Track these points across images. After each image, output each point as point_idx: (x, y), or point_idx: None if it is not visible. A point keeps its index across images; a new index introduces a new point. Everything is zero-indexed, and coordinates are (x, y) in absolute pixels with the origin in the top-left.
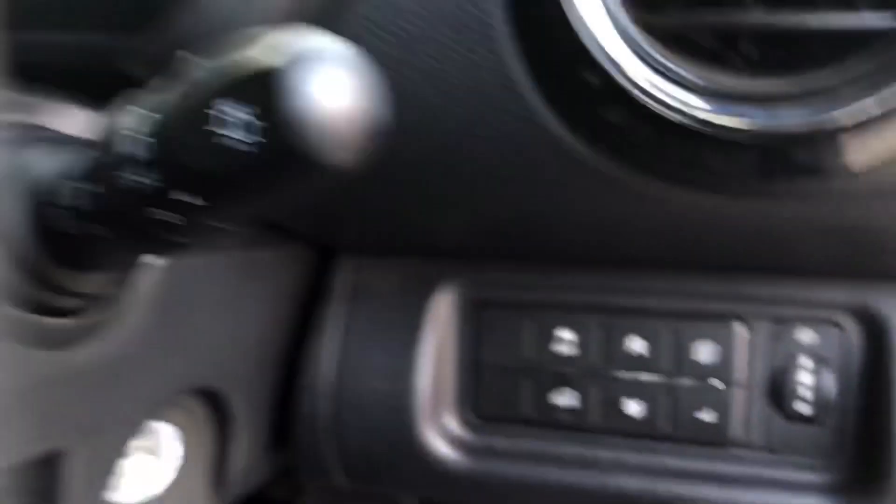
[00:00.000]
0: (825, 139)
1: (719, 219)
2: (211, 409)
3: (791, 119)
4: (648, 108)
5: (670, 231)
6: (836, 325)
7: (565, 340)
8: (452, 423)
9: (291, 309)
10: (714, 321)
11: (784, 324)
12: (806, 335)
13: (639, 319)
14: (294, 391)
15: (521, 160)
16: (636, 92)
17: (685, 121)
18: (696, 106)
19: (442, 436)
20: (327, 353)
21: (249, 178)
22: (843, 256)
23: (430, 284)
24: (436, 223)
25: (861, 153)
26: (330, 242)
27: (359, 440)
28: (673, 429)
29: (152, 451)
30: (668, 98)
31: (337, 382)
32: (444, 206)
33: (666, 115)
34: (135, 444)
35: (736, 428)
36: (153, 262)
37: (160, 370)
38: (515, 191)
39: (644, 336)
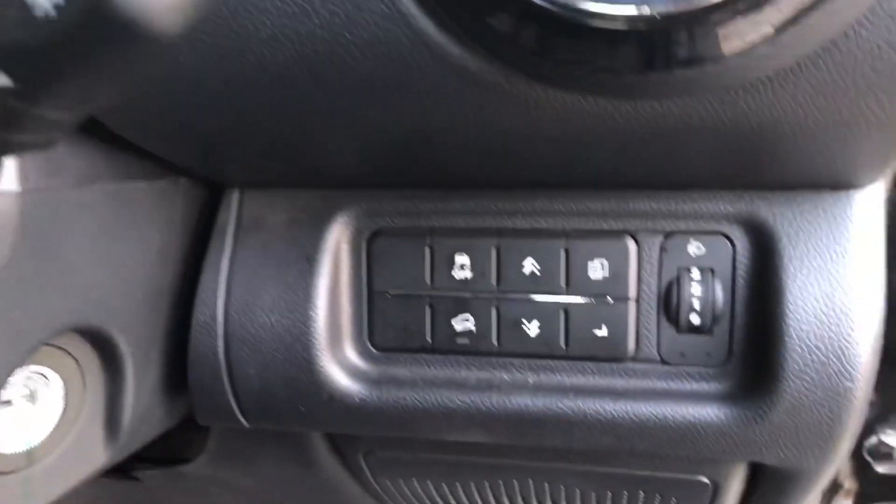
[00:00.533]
0: (696, 21)
1: (604, 126)
2: (97, 352)
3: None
4: (528, 2)
5: (557, 144)
6: (724, 236)
7: (460, 265)
8: (352, 355)
9: (181, 245)
10: (605, 238)
11: (673, 237)
12: (695, 248)
13: (532, 241)
14: (187, 331)
15: (397, 68)
16: None
17: (564, 13)
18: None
19: (342, 368)
20: (214, 289)
21: (58, 51)
22: (727, 165)
23: (322, 216)
24: (321, 150)
25: (731, 37)
26: (214, 177)
27: (254, 378)
28: (569, 347)
29: (31, 399)
30: None
31: (227, 319)
32: (326, 130)
33: (546, 8)
34: (8, 392)
35: (630, 342)
36: (4, 188)
37: (30, 309)
38: (396, 105)
39: (537, 257)
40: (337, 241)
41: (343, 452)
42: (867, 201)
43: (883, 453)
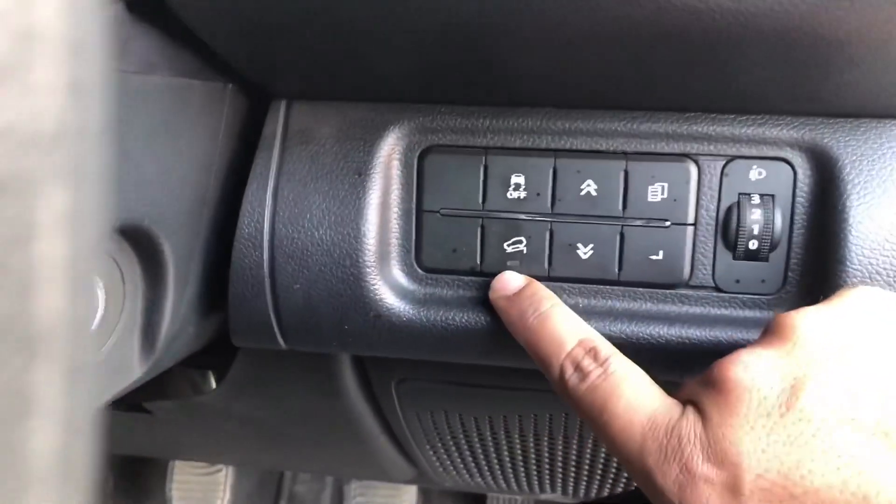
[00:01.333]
0: None
1: (673, 23)
2: (140, 258)
3: None
4: None
5: (625, 50)
6: (787, 162)
7: (515, 186)
8: (398, 275)
9: (225, 154)
10: (666, 161)
11: (735, 162)
12: (756, 173)
13: (590, 161)
14: (229, 245)
15: None
16: None
17: None
18: None
19: (389, 286)
20: (261, 200)
21: None
22: (793, 86)
23: (373, 130)
24: (380, 54)
25: None
26: (265, 82)
27: (299, 294)
28: (623, 272)
29: None
30: None
31: (273, 232)
32: (388, 28)
33: None
34: None
35: (686, 268)
36: None
37: None
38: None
39: (596, 178)
40: (388, 156)
41: (373, 382)
42: None
43: None
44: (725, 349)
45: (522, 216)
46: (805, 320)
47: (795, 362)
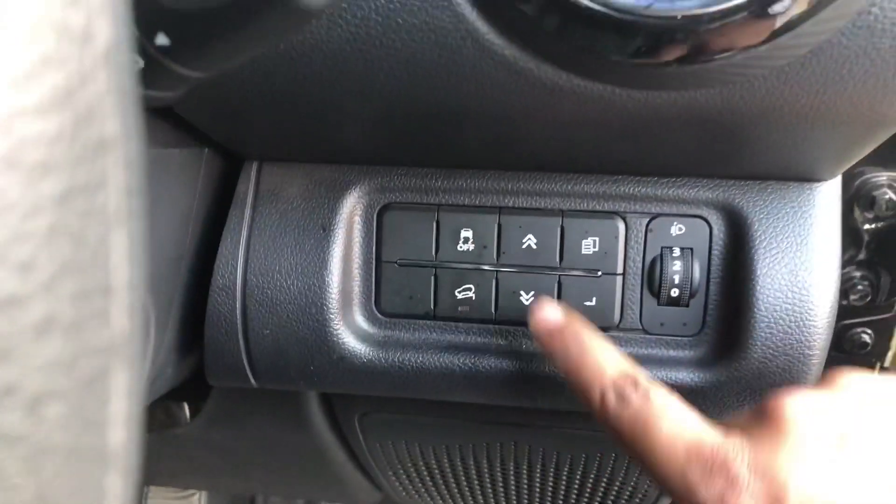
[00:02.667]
0: (715, 20)
1: (615, 113)
2: None
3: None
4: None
5: (567, 129)
6: (703, 219)
7: (464, 239)
8: (360, 319)
9: (201, 213)
10: (597, 218)
11: (658, 219)
12: (677, 229)
13: (531, 218)
14: (205, 294)
15: (439, 52)
16: None
17: (595, 6)
18: None
19: (351, 331)
20: (234, 254)
21: (217, 17)
22: (710, 155)
23: (337, 189)
24: (347, 127)
25: (743, 35)
26: (238, 148)
27: (269, 338)
28: None
29: None
30: None
31: (245, 282)
32: (360, 105)
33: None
34: None
35: (616, 313)
36: None
37: None
38: (432, 86)
39: (536, 233)
40: (350, 212)
41: (338, 415)
42: (828, 193)
43: None
44: None
45: (471, 266)
46: (861, 380)
47: (846, 410)
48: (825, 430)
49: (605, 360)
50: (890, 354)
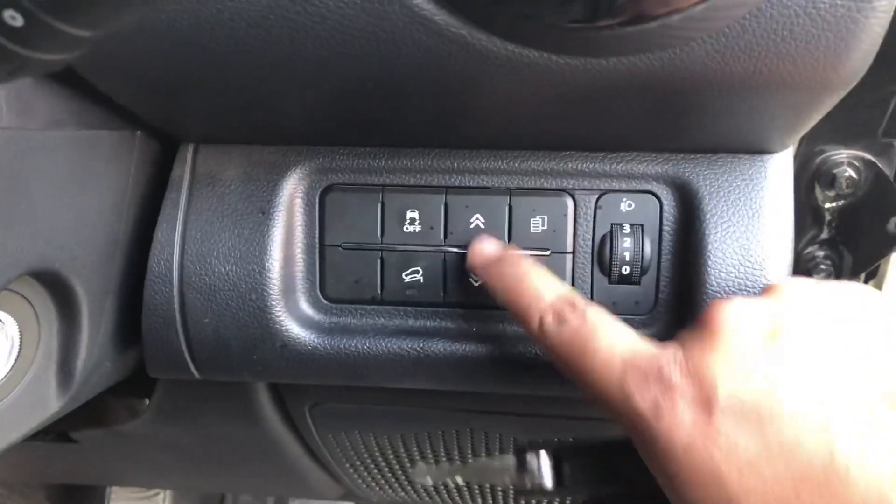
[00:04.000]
0: None
1: (552, 82)
2: (54, 299)
3: None
4: None
5: (506, 101)
6: (653, 194)
7: (410, 220)
8: (304, 306)
9: (135, 198)
10: (545, 196)
11: (607, 195)
12: (626, 205)
13: (478, 197)
14: (142, 282)
15: (368, 19)
16: None
17: None
18: None
19: (294, 318)
20: (170, 240)
21: None
22: (657, 128)
23: (276, 171)
24: (281, 102)
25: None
26: (171, 130)
27: (208, 327)
28: None
29: None
30: None
31: (182, 269)
32: (290, 80)
33: None
34: None
35: None
36: None
37: None
38: (363, 55)
39: (483, 212)
40: (291, 195)
41: (288, 406)
42: (779, 164)
43: None
44: None
45: (418, 248)
46: (796, 283)
47: (780, 310)
48: (755, 328)
49: (542, 285)
50: None
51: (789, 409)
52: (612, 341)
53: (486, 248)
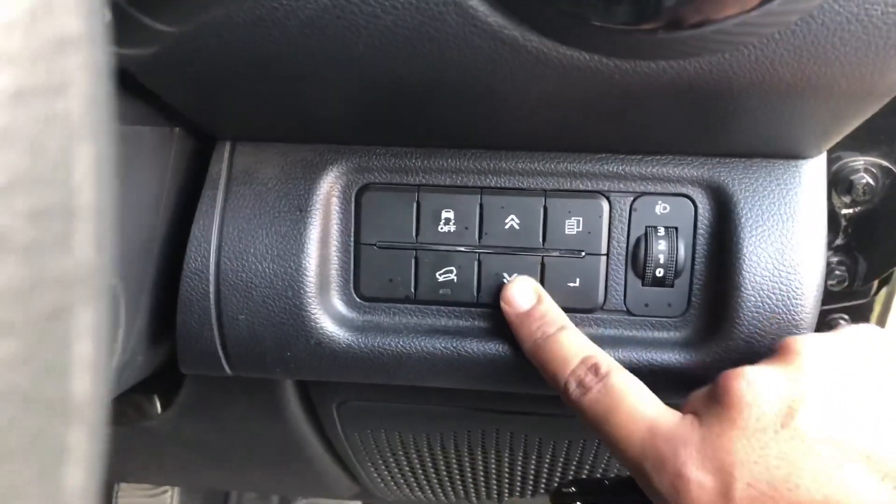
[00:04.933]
0: None
1: (601, 85)
2: None
3: None
4: None
5: (552, 103)
6: (688, 197)
7: (445, 220)
8: (338, 304)
9: (173, 195)
10: (581, 198)
11: (642, 198)
12: (661, 208)
13: (513, 198)
14: (177, 279)
15: (420, 20)
16: None
17: None
18: None
19: (329, 315)
20: (207, 237)
21: None
22: (696, 131)
23: (313, 170)
24: (325, 101)
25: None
26: (210, 127)
27: (243, 323)
28: None
29: None
30: None
31: (219, 266)
32: (337, 78)
33: None
34: None
35: (600, 294)
36: None
37: None
38: (411, 56)
39: (518, 213)
40: (327, 194)
41: (315, 404)
42: (813, 170)
43: None
44: (637, 367)
45: (453, 248)
46: (810, 345)
47: (796, 383)
48: (771, 409)
49: (568, 349)
50: None
51: (804, 499)
52: (632, 414)
53: (519, 299)
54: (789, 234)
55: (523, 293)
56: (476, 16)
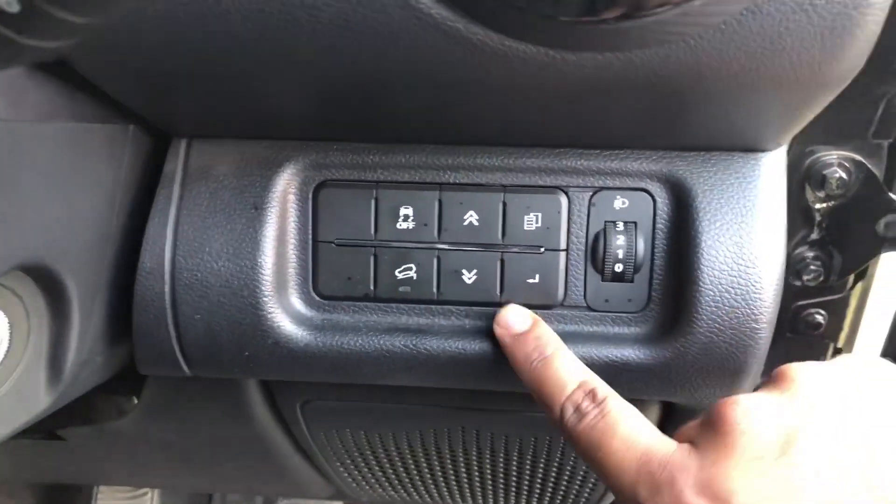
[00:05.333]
0: None
1: (548, 77)
2: (44, 293)
3: None
4: None
5: (502, 96)
6: (647, 192)
7: (404, 217)
8: (296, 302)
9: (128, 192)
10: (539, 193)
11: (601, 193)
12: (620, 202)
13: (472, 194)
14: (133, 278)
15: (364, 12)
16: None
17: None
18: None
19: (287, 314)
20: (162, 235)
21: None
22: (651, 125)
23: (270, 166)
24: (275, 96)
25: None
26: (164, 124)
27: (200, 323)
28: (504, 294)
29: None
30: None
31: (174, 265)
32: (285, 73)
33: None
34: None
35: (560, 290)
36: None
37: None
38: (358, 49)
39: (477, 209)
40: (284, 191)
41: (279, 404)
42: (772, 163)
43: None
44: (598, 363)
45: (412, 245)
46: (806, 373)
47: (793, 411)
48: (768, 437)
49: (563, 374)
50: (843, 335)
51: None
52: (627, 440)
53: (514, 322)
54: (748, 228)
55: (518, 317)
56: (419, 7)
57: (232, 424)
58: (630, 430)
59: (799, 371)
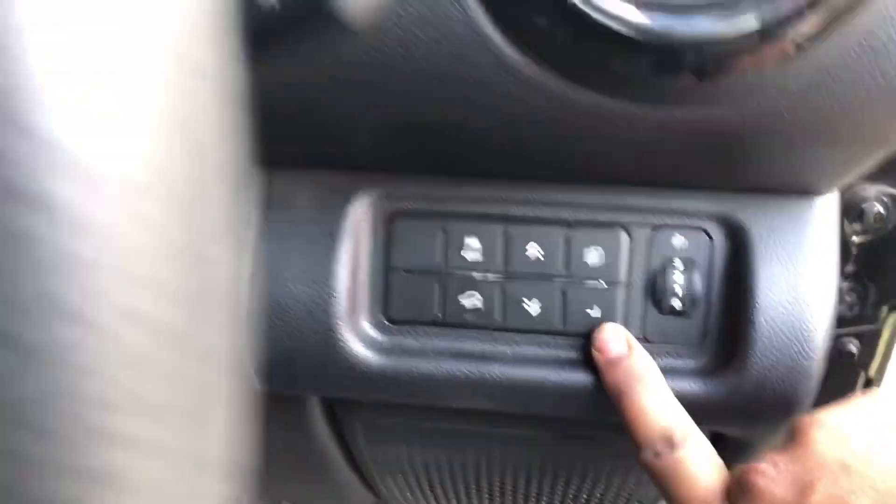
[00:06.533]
0: (738, 43)
1: (624, 127)
2: None
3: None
4: (581, 16)
5: (576, 141)
6: (705, 231)
7: (470, 247)
8: (367, 326)
9: None
10: (601, 229)
11: (660, 231)
12: (678, 241)
13: (536, 228)
14: None
15: (456, 63)
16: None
17: (619, 27)
18: (630, 14)
19: (358, 337)
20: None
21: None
22: (714, 168)
23: (345, 197)
24: (360, 136)
25: (768, 56)
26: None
27: (277, 344)
28: (566, 325)
29: None
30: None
31: (254, 288)
32: (375, 116)
33: (600, 22)
34: None
35: (619, 321)
36: None
37: None
38: (446, 97)
39: (540, 243)
40: (358, 220)
41: (341, 419)
42: (826, 206)
43: None
44: None
45: (477, 274)
46: (817, 427)
47: (804, 468)
48: (785, 491)
49: (648, 409)
50: (874, 364)
51: None
52: (686, 495)
53: (611, 346)
54: (801, 269)
55: (615, 341)
56: (508, 62)
57: (290, 436)
58: (692, 483)
59: (810, 426)
